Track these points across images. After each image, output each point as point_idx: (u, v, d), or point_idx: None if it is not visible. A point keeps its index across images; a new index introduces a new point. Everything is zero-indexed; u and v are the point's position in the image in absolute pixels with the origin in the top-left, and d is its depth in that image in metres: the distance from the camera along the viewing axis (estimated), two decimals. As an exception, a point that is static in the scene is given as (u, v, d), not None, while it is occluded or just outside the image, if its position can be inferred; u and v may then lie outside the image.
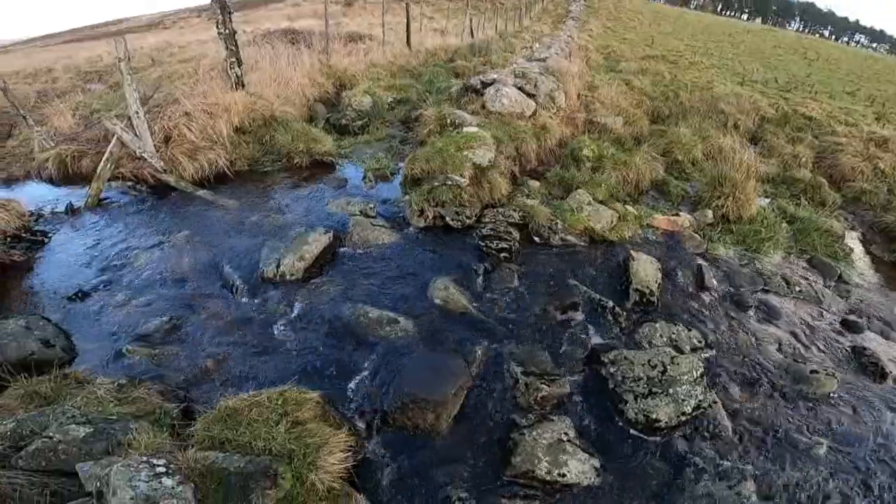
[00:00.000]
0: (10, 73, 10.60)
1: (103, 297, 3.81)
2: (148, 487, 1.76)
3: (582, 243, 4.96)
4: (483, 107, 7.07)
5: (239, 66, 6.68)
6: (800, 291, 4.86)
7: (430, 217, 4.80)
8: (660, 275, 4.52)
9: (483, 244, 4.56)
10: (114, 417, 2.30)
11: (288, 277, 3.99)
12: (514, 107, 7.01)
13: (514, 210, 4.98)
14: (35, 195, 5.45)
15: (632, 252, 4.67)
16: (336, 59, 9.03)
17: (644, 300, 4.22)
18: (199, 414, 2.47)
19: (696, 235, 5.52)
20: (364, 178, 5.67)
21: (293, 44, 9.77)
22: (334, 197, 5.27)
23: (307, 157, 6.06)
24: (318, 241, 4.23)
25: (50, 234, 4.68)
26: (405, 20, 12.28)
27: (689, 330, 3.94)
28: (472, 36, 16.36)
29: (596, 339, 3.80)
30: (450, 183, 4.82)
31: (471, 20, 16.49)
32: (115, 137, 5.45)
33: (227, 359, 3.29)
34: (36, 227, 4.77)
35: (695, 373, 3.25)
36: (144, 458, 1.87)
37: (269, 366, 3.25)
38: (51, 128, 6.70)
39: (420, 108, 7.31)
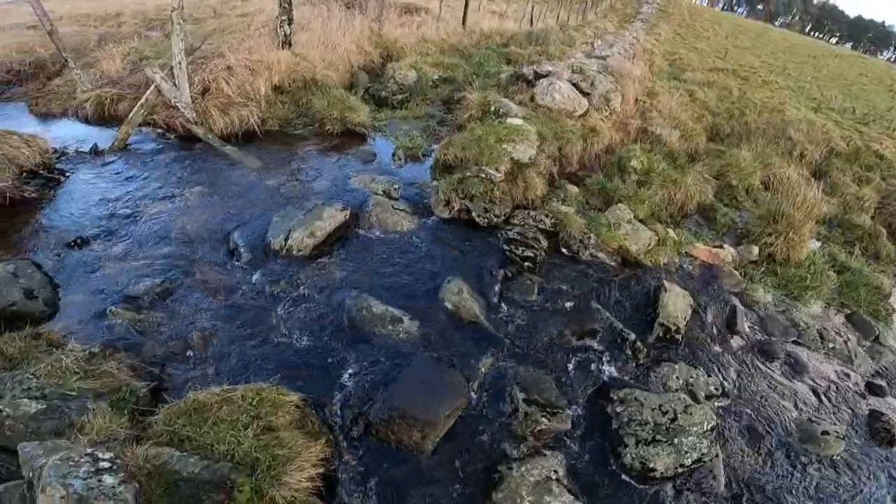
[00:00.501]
0: (79, 14, 10.57)
1: (103, 247, 3.61)
2: (84, 486, 1.51)
3: (613, 263, 4.49)
4: (532, 99, 6.54)
5: (289, 25, 6.36)
6: (832, 348, 4.43)
7: (456, 209, 4.42)
8: (690, 311, 4.10)
9: (508, 248, 4.14)
10: (73, 394, 2.08)
11: (295, 252, 3.71)
12: (566, 103, 6.45)
13: (547, 216, 4.53)
14: (67, 133, 5.33)
15: (665, 282, 4.18)
16: (388, 28, 8.58)
17: (668, 336, 3.81)
18: (168, 399, 2.24)
19: (736, 273, 4.97)
20: (394, 155, 5.30)
21: (348, 8, 9.39)
22: (360, 171, 4.94)
23: (340, 125, 5.73)
24: (332, 218, 3.92)
25: (68, 174, 4.52)
26: (465, -2, 11.66)
27: (709, 375, 3.59)
28: (532, 24, 15.49)
29: (609, 373, 3.43)
30: (483, 176, 4.41)
31: (532, 7, 15.60)
32: (153, 85, 5.30)
33: (214, 336, 3.03)
34: (57, 165, 4.64)
35: (706, 425, 2.99)
36: (88, 451, 1.62)
37: (256, 351, 2.98)
38: (98, 71, 6.62)
39: (464, 90, 6.84)
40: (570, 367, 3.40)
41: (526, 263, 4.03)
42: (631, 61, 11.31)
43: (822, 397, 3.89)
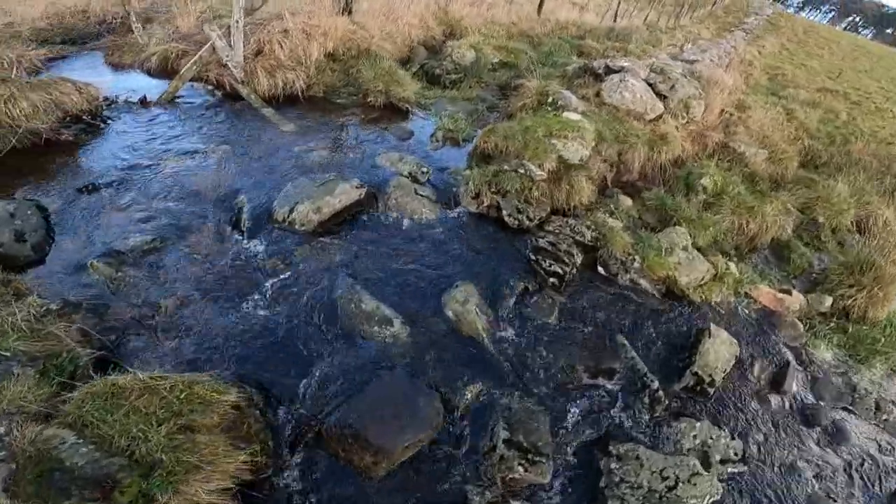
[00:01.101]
0: None
1: (110, 195, 3.41)
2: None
3: (655, 293, 3.75)
4: (597, 95, 5.74)
5: (351, -12, 6.01)
6: (885, 420, 3.68)
7: (486, 204, 3.87)
8: (732, 361, 3.39)
9: (534, 258, 3.53)
10: (5, 353, 1.83)
11: (298, 227, 3.35)
12: (636, 104, 5.59)
13: (588, 227, 3.86)
14: (129, 83, 5.32)
15: (711, 326, 3.42)
16: (455, 6, 8.01)
17: (698, 388, 3.16)
18: (110, 374, 1.96)
19: (800, 324, 4.09)
20: (432, 136, 4.80)
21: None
22: (392, 148, 4.48)
23: (383, 98, 5.31)
24: (345, 195, 3.51)
25: (111, 121, 4.46)
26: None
27: (733, 438, 2.96)
28: (615, 20, 14.15)
29: (617, 421, 2.83)
30: (522, 171, 3.81)
31: (618, 3, 14.22)
32: (209, 43, 5.20)
33: (187, 306, 2.72)
34: (105, 113, 4.60)
35: (707, 500, 2.55)
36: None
37: (226, 331, 2.65)
38: (172, 26, 6.68)
39: (524, 77, 6.17)
40: (574, 408, 2.81)
41: (551, 280, 3.41)
42: (724, 69, 9.95)
43: (854, 472, 3.28)
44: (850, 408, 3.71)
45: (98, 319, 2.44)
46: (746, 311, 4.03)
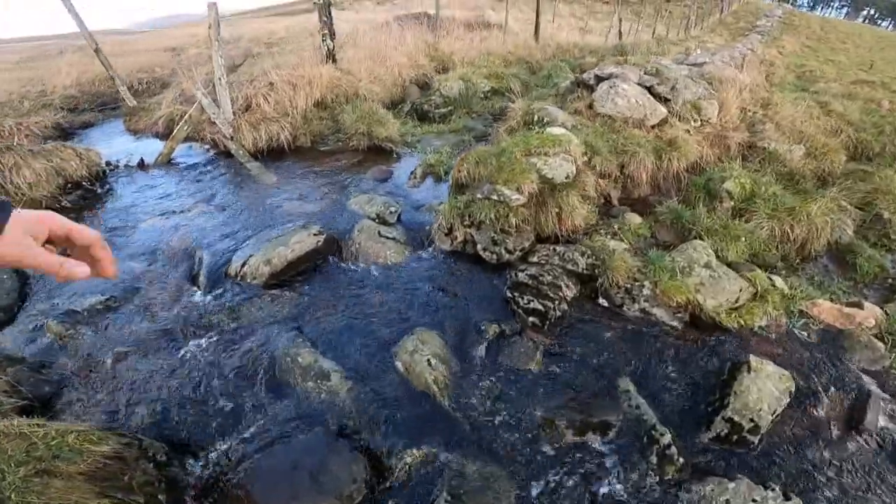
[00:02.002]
0: (192, 40, 11.52)
1: None
2: None
3: (674, 323, 2.93)
4: (590, 106, 5.13)
5: (331, 39, 5.94)
6: None
7: (459, 240, 3.32)
8: (786, 399, 2.47)
9: (511, 295, 2.90)
10: None
11: (249, 280, 2.97)
12: (632, 111, 4.92)
13: (583, 253, 3.18)
14: (138, 147, 5.46)
15: (752, 358, 2.55)
16: (446, 42, 7.84)
17: (736, 438, 2.27)
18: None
19: (879, 343, 3.06)
20: (412, 173, 4.39)
21: (419, 24, 8.90)
22: (366, 190, 4.10)
23: (366, 141, 5.02)
24: (300, 244, 3.10)
25: (107, 186, 4.48)
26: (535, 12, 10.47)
27: (787, 499, 2.01)
28: (620, 38, 13.61)
29: (608, 489, 2.03)
30: (496, 198, 3.26)
31: (620, 20, 13.70)
32: (197, 102, 5.22)
33: (124, 360, 2.51)
34: (109, 178, 4.67)
35: None
36: None
37: (156, 386, 2.39)
38: (179, 89, 6.97)
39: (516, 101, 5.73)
40: (549, 474, 2.06)
41: (531, 319, 2.73)
42: (739, 69, 9.02)
43: None
44: None
45: (34, 373, 2.37)
46: (804, 334, 3.07)
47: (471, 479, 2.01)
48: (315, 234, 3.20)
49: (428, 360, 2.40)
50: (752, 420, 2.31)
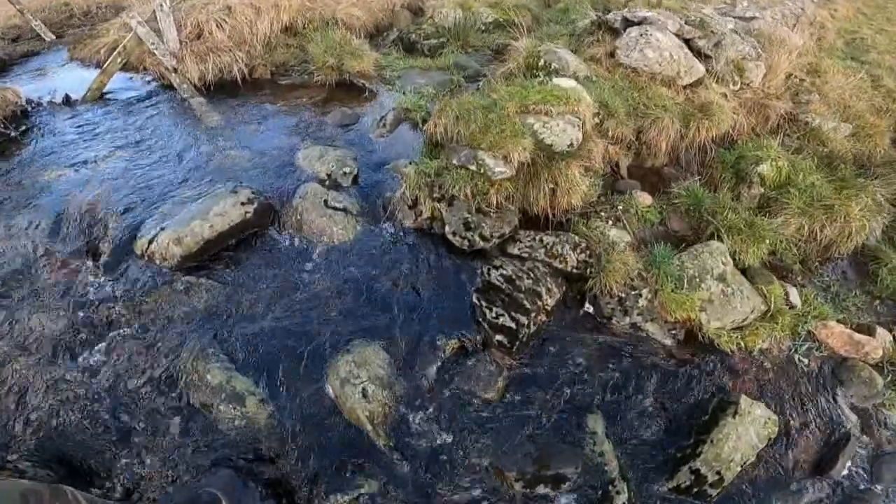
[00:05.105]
0: None
1: None
2: None
3: (667, 341, 2.47)
4: (612, 54, 4.29)
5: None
6: None
7: (425, 216, 2.78)
8: (762, 446, 2.21)
9: (478, 302, 2.37)
10: None
11: (158, 261, 2.40)
12: (663, 65, 4.10)
13: (573, 246, 2.64)
14: (74, 79, 4.66)
15: (742, 400, 2.19)
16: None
17: (696, 490, 2.03)
18: None
19: (878, 378, 2.74)
20: (381, 119, 3.67)
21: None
22: (321, 139, 3.41)
23: (335, 75, 4.23)
24: (222, 218, 2.48)
25: (25, 127, 3.77)
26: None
27: None
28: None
29: None
30: (474, 167, 2.67)
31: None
32: (132, 32, 4.38)
33: (6, 365, 2.07)
34: (31, 117, 3.96)
35: None
36: None
37: (37, 399, 2.01)
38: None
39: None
40: None
41: (498, 338, 2.23)
42: (791, 28, 7.93)
43: None
44: None
45: None
46: (805, 361, 2.69)
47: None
48: (244, 203, 2.59)
49: (363, 389, 1.95)
50: (717, 473, 2.00)
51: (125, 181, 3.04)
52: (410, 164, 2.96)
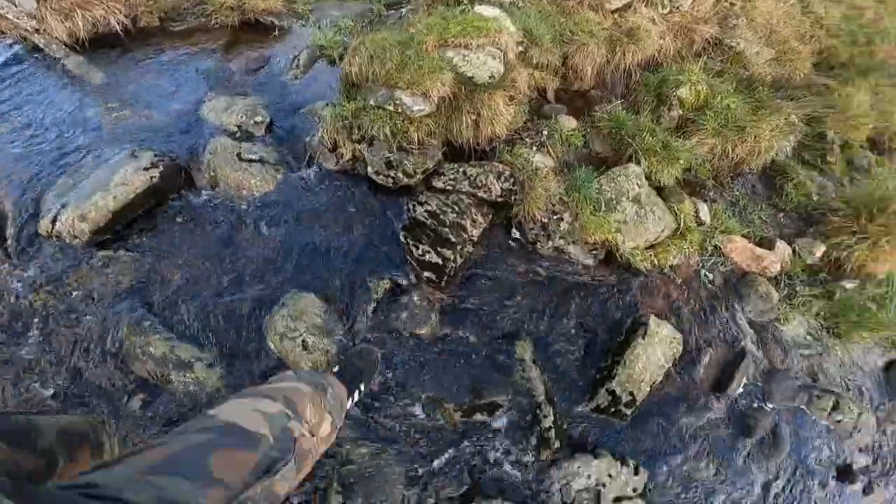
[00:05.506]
0: None
1: None
2: None
3: (588, 261, 2.64)
4: (539, -22, 4.18)
5: None
6: (838, 421, 2.86)
7: (347, 158, 2.72)
8: (668, 366, 2.46)
9: (406, 241, 2.41)
10: None
11: (68, 240, 2.24)
12: (591, -13, 4.07)
13: (497, 175, 2.69)
14: None
15: (651, 320, 2.41)
16: None
17: (614, 410, 2.27)
18: None
19: (774, 293, 3.03)
20: (294, 60, 3.44)
21: None
22: (227, 89, 3.14)
23: (237, 15, 3.83)
24: (124, 187, 2.29)
25: None
26: None
27: (636, 473, 2.19)
28: None
29: (490, 473, 2.02)
30: (391, 108, 2.60)
31: None
32: None
33: None
34: None
35: None
36: None
37: None
38: None
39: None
40: (436, 458, 1.98)
41: (426, 274, 2.30)
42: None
43: (776, 489, 2.58)
44: (804, 407, 2.83)
45: None
46: (710, 276, 2.99)
47: (360, 464, 1.85)
48: (148, 168, 2.40)
49: (303, 342, 1.99)
50: (630, 394, 2.23)
51: (8, 160, 2.72)
52: (328, 105, 2.83)
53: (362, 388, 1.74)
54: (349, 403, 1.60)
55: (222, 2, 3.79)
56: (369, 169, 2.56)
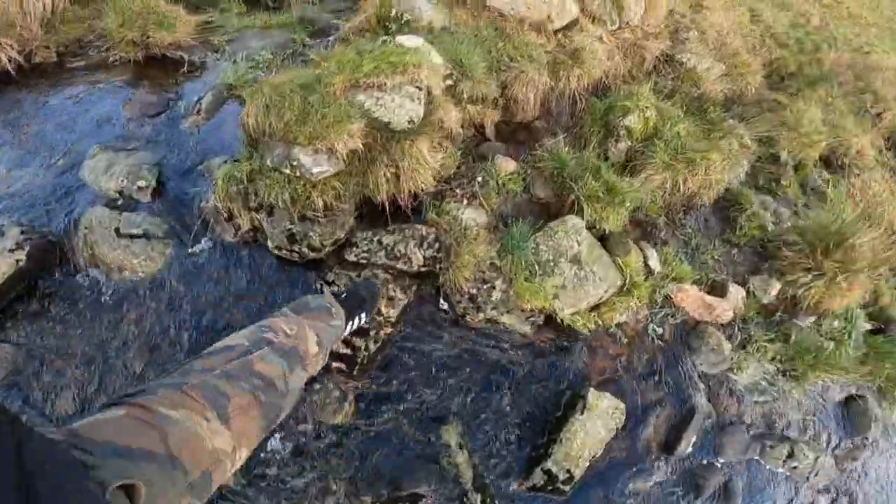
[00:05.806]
0: None
1: None
2: None
3: (526, 328, 2.40)
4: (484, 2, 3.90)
5: None
6: (794, 468, 2.79)
7: (247, 228, 2.39)
8: (609, 437, 2.27)
9: None
10: None
11: None
12: (532, 8, 3.72)
13: (418, 242, 2.40)
14: None
15: (590, 393, 2.22)
16: None
17: (551, 488, 2.10)
18: None
19: (725, 344, 2.86)
20: (197, 102, 3.05)
21: None
22: (115, 138, 2.78)
23: (140, 51, 3.41)
24: None
25: None
26: None
27: None
28: None
29: None
30: (288, 171, 2.27)
31: None
32: None
33: None
34: None
35: None
36: None
37: None
38: None
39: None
40: None
41: (335, 365, 2.03)
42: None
43: None
44: (758, 458, 2.73)
45: None
46: (659, 332, 2.79)
47: None
48: (13, 249, 2.02)
49: None
50: (567, 471, 2.04)
51: None
52: (225, 163, 2.48)
53: (363, 316, 1.85)
54: (348, 327, 1.76)
55: (122, 35, 3.36)
56: (270, 244, 2.23)
